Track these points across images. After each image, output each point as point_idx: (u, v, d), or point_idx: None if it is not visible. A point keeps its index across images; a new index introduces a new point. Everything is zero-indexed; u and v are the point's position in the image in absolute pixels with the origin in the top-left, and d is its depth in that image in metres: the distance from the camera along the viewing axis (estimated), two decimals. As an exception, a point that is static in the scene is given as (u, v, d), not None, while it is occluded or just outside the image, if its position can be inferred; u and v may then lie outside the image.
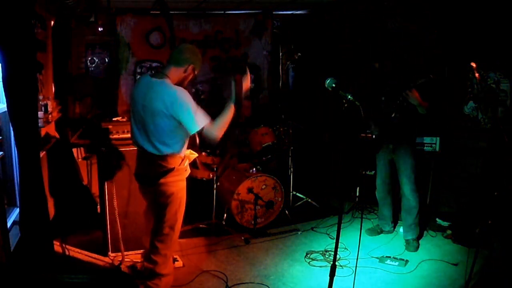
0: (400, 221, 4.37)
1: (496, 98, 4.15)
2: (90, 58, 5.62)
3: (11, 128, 3.14)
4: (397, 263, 3.70)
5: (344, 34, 5.62)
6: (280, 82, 6.15)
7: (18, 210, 3.33)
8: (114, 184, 3.62)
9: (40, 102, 3.80)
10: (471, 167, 4.27)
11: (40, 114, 3.53)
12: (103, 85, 5.60)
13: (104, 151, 3.68)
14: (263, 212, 4.55)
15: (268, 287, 3.42)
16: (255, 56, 5.98)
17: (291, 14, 6.16)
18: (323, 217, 4.80)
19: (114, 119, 3.92)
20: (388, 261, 3.74)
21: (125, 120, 3.85)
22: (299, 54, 5.13)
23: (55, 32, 4.70)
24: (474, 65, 3.32)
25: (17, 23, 2.67)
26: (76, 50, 5.50)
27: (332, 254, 2.64)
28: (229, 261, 3.87)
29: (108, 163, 3.65)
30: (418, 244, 4.04)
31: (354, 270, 3.36)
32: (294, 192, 5.19)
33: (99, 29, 5.46)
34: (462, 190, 4.38)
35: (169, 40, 5.42)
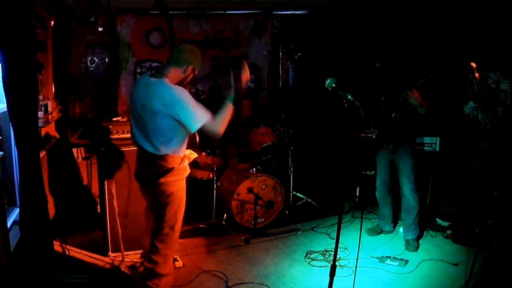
0: (400, 221, 4.36)
1: (496, 98, 4.15)
2: (90, 58, 5.62)
3: (11, 128, 3.14)
4: (397, 263, 3.70)
5: (344, 34, 5.61)
6: (280, 82, 6.15)
7: (18, 210, 3.33)
8: (114, 184, 3.62)
9: (40, 102, 3.80)
10: (471, 167, 4.27)
11: (40, 114, 3.53)
12: (103, 85, 5.61)
13: (104, 151, 3.68)
14: (263, 212, 4.55)
15: (268, 287, 3.42)
16: (255, 56, 5.98)
17: (291, 14, 6.16)
18: (323, 217, 4.80)
19: (114, 119, 3.92)
20: (388, 261, 3.74)
21: (125, 120, 3.84)
22: (299, 54, 5.14)
23: (55, 32, 4.70)
24: (474, 65, 3.31)
25: (17, 23, 2.67)
26: (76, 50, 5.50)
27: (332, 254, 2.64)
28: (229, 261, 3.87)
29: (108, 163, 3.65)
30: (418, 244, 4.04)
31: (354, 270, 3.35)
32: (294, 192, 5.19)
33: (99, 29, 5.46)
34: (462, 190, 4.38)
35: (169, 40, 5.42)
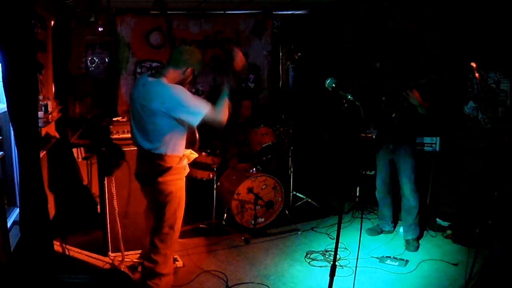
0: (400, 221, 4.36)
1: (496, 98, 4.15)
2: (90, 58, 5.62)
3: (11, 128, 3.14)
4: (397, 263, 3.70)
5: (344, 34, 5.61)
6: (280, 82, 6.15)
7: (18, 210, 3.32)
8: (114, 184, 3.62)
9: (40, 102, 3.80)
10: (471, 167, 4.27)
11: (40, 114, 3.52)
12: (103, 85, 5.60)
13: (104, 151, 3.68)
14: (263, 212, 4.55)
15: (268, 287, 3.42)
16: (255, 56, 5.98)
17: (291, 14, 6.16)
18: (323, 217, 4.80)
19: (114, 119, 3.92)
20: (388, 261, 3.74)
21: (125, 120, 3.84)
22: (299, 54, 5.13)
23: (55, 32, 4.70)
24: (474, 65, 3.32)
25: (17, 23, 2.66)
26: (76, 50, 5.50)
27: (332, 254, 2.64)
28: (229, 261, 3.87)
29: (108, 163, 3.65)
30: (418, 244, 4.04)
31: (354, 270, 3.35)
32: (294, 192, 5.19)
33: (99, 29, 5.46)
34: (462, 190, 4.37)
35: (169, 40, 5.42)
